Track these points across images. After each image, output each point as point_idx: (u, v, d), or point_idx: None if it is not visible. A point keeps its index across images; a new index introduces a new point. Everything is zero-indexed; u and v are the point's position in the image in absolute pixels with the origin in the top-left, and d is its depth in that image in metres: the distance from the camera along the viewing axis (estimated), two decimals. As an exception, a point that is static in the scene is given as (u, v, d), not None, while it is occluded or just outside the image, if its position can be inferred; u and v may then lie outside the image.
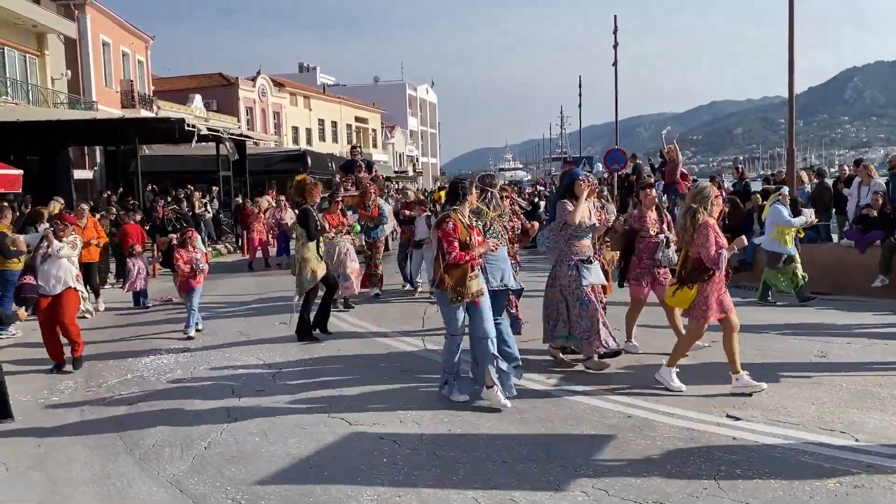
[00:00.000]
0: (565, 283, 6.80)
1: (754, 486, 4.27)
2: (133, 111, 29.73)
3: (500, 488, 4.39)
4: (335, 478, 4.66)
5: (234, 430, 5.65)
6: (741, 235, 6.55)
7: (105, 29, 29.67)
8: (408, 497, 4.34)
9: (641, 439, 5.08)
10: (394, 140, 68.26)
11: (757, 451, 4.78)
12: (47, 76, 25.25)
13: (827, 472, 4.41)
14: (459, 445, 5.11)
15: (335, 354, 7.95)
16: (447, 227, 5.77)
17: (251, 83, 44.16)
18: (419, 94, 79.27)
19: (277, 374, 7.22)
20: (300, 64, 70.82)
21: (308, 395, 6.45)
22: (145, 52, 34.38)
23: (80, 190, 25.36)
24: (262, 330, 9.45)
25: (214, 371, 7.44)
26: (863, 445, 4.81)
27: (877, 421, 5.25)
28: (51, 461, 5.23)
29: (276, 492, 4.50)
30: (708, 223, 5.90)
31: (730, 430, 5.18)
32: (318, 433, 5.47)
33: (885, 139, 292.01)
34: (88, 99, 27.49)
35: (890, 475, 4.35)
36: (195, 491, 4.58)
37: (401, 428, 5.51)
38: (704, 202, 6.00)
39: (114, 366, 7.90)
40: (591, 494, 4.26)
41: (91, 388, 7.06)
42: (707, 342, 7.15)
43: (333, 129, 56.26)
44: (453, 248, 5.72)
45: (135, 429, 5.80)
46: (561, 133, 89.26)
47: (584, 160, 38.45)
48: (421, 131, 79.98)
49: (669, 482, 4.35)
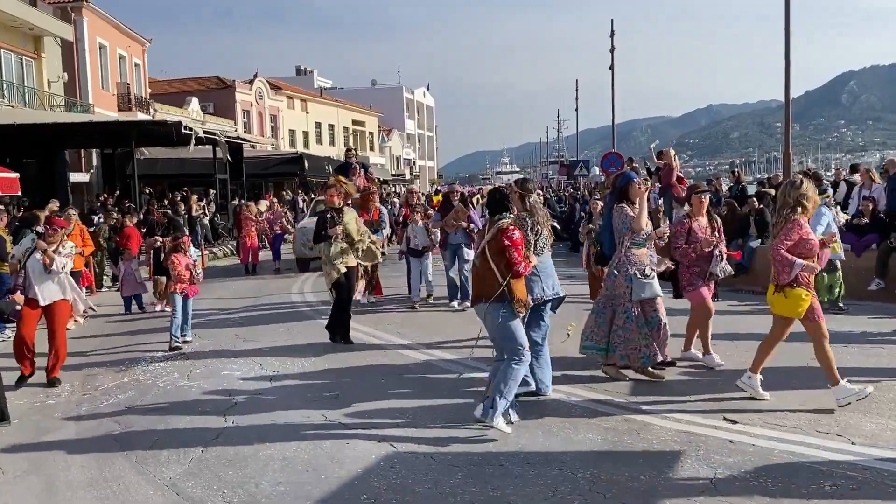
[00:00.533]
0: (618, 294, 6.46)
1: (751, 489, 4.28)
2: (130, 114, 29.74)
3: (496, 491, 4.39)
4: (333, 481, 4.66)
5: (230, 433, 5.65)
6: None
7: (102, 31, 29.68)
8: (405, 500, 4.34)
9: (638, 442, 5.09)
10: (391, 143, 68.31)
11: (753, 454, 4.79)
12: (44, 79, 25.25)
13: (823, 475, 4.43)
14: (457, 450, 5.10)
15: (332, 359, 7.95)
16: (515, 237, 5.37)
17: (248, 86, 44.19)
18: (416, 98, 79.35)
19: (274, 378, 7.22)
20: (297, 67, 70.76)
21: (305, 399, 6.45)
22: (142, 55, 34.40)
23: (77, 193, 25.34)
24: (258, 333, 9.45)
25: (211, 375, 7.43)
26: (859, 449, 4.83)
27: (873, 425, 5.27)
28: (48, 465, 5.22)
29: (274, 495, 4.50)
30: (798, 222, 5.60)
31: (726, 433, 5.19)
32: (314, 437, 5.47)
33: (881, 143, 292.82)
34: (85, 102, 27.50)
35: (886, 478, 4.36)
36: (192, 494, 4.57)
37: (398, 432, 5.51)
38: (803, 199, 5.61)
39: (109, 369, 7.89)
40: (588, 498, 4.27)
41: (87, 392, 7.05)
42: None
43: (330, 131, 56.30)
44: (521, 258, 5.36)
45: (132, 432, 5.80)
46: (558, 136, 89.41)
47: (581, 163, 38.60)
48: (418, 134, 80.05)
49: (666, 484, 4.35)
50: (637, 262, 6.44)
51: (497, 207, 5.55)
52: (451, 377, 7.03)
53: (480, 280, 5.45)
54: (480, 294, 5.45)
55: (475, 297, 5.57)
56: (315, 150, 47.16)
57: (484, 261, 5.40)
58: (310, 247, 15.48)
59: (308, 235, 15.55)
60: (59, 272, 7.43)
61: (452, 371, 7.23)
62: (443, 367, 7.43)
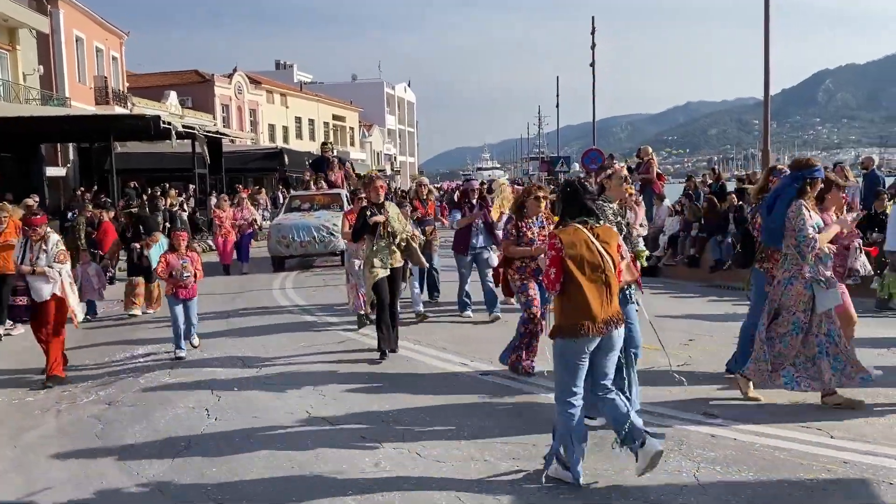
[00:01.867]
0: (790, 304, 5.55)
1: (733, 483, 4.33)
2: (107, 108, 29.38)
3: (483, 484, 4.41)
4: (318, 477, 4.65)
5: (214, 429, 5.62)
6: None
7: (78, 24, 29.26)
8: (391, 496, 4.35)
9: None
10: (371, 139, 68.11)
11: (735, 448, 4.85)
12: (19, 72, 24.86)
13: (804, 468, 4.49)
14: (441, 444, 5.11)
15: (316, 356, 7.92)
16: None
17: (227, 80, 43.82)
18: (397, 93, 79.15)
19: (258, 375, 7.19)
20: (277, 61, 70.30)
21: (290, 396, 6.42)
22: (120, 49, 33.98)
23: (53, 187, 25.01)
24: (242, 330, 9.39)
25: (194, 372, 7.38)
26: (838, 443, 4.90)
27: (850, 418, 5.34)
28: (28, 462, 5.16)
29: (258, 492, 4.49)
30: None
31: (708, 428, 5.24)
32: (298, 433, 5.46)
33: (856, 141, 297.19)
34: (61, 95, 27.10)
35: (865, 471, 4.43)
36: (175, 491, 4.55)
37: (383, 428, 5.52)
38: None
39: (90, 367, 7.81)
40: (573, 492, 4.30)
41: (67, 390, 6.97)
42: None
43: (311, 127, 56.01)
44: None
45: (114, 429, 5.75)
46: (539, 133, 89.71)
47: (562, 160, 38.74)
48: (399, 130, 79.86)
49: (650, 478, 4.40)
50: (823, 270, 5.53)
51: (575, 208, 4.48)
52: (441, 373, 7.03)
53: (613, 295, 4.37)
54: (610, 314, 4.33)
55: (603, 317, 4.29)
56: (295, 145, 46.90)
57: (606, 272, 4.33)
58: (285, 244, 15.12)
59: (283, 232, 15.17)
60: (56, 279, 7.23)
61: (438, 368, 7.23)
62: (427, 363, 7.43)
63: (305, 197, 16.95)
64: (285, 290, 12.84)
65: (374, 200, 7.65)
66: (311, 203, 16.50)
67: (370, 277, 7.44)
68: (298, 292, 12.42)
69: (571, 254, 4.27)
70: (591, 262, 4.29)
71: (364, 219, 7.51)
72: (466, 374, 6.91)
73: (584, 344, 4.30)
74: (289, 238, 15.07)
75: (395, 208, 7.98)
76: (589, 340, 4.30)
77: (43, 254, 7.26)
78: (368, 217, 7.49)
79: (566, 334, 4.31)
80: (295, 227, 15.13)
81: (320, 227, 15.02)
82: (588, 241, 4.33)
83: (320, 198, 16.51)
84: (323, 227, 15.00)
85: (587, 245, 4.32)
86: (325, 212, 15.68)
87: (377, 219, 7.47)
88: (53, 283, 7.22)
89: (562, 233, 4.38)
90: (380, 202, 7.65)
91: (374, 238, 7.50)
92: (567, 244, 4.30)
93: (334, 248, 15.03)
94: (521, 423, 5.49)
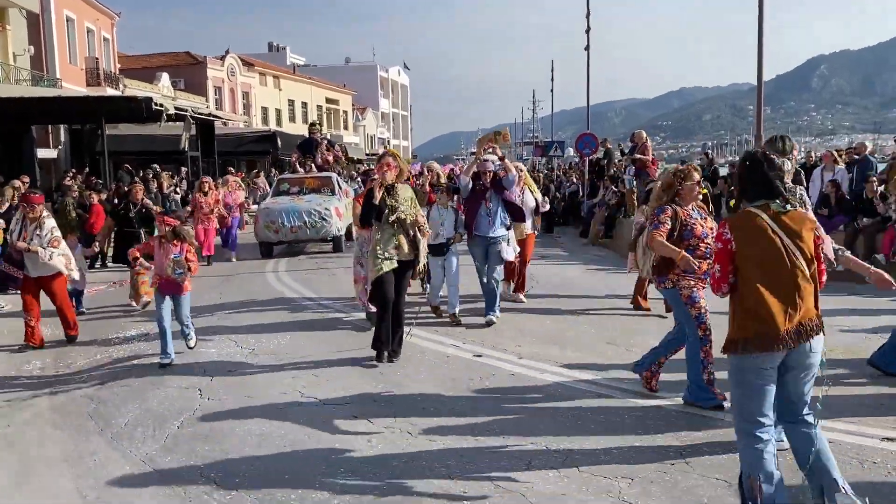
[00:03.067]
0: None
1: (719, 462, 4.39)
2: (99, 89, 29.13)
3: (472, 465, 4.46)
4: (310, 456, 4.69)
5: (207, 409, 5.65)
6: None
7: (69, 4, 28.97)
8: (381, 473, 4.39)
9: (612, 416, 5.19)
10: (365, 122, 67.84)
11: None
12: (9, 52, 24.62)
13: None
14: (430, 424, 5.16)
15: (309, 337, 7.95)
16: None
17: (220, 62, 43.53)
18: (391, 76, 78.76)
19: (250, 355, 7.21)
20: (270, 43, 69.75)
21: (281, 376, 6.46)
22: (111, 29, 33.66)
23: (45, 169, 24.85)
24: (234, 312, 9.41)
25: (187, 352, 7.38)
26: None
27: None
28: (22, 441, 5.19)
29: (250, 470, 4.52)
30: None
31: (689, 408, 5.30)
32: (291, 412, 5.49)
33: (849, 127, 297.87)
34: (52, 76, 26.87)
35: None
36: (168, 469, 4.58)
37: (374, 407, 5.56)
38: None
39: (83, 347, 7.82)
40: (561, 471, 4.35)
41: (59, 369, 6.98)
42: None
43: (304, 110, 55.71)
44: None
45: (106, 409, 5.77)
46: (533, 117, 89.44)
47: (556, 144, 38.67)
48: (392, 113, 79.56)
49: (639, 456, 4.45)
50: None
51: (762, 188, 3.60)
52: (435, 354, 7.07)
53: (805, 298, 3.48)
54: (800, 321, 3.48)
55: (789, 327, 3.45)
56: (288, 128, 46.66)
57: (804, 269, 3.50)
58: (274, 229, 14.39)
59: (272, 217, 14.42)
60: (47, 260, 7.59)
61: (431, 350, 7.26)
62: (421, 345, 7.46)
63: (294, 180, 16.04)
64: (278, 273, 12.83)
65: (382, 181, 6.63)
66: (301, 186, 15.67)
67: (373, 271, 6.63)
68: (292, 275, 12.41)
69: (744, 246, 3.51)
70: (773, 257, 3.47)
71: (370, 201, 6.64)
72: (460, 357, 6.95)
73: (765, 360, 3.48)
74: (278, 223, 14.37)
75: (409, 191, 6.95)
76: (771, 356, 3.47)
77: (36, 237, 7.58)
78: (365, 209, 6.66)
79: (741, 349, 3.51)
80: (284, 211, 14.44)
81: (311, 211, 14.36)
82: (770, 230, 3.49)
83: (310, 181, 15.73)
84: (314, 211, 14.37)
85: (768, 234, 3.49)
86: (316, 195, 15.08)
87: (373, 183, 6.64)
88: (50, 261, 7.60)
89: (733, 220, 3.61)
90: (389, 183, 6.65)
91: (380, 224, 6.66)
92: (739, 233, 3.53)
93: (326, 233, 14.60)
94: (513, 404, 5.54)
